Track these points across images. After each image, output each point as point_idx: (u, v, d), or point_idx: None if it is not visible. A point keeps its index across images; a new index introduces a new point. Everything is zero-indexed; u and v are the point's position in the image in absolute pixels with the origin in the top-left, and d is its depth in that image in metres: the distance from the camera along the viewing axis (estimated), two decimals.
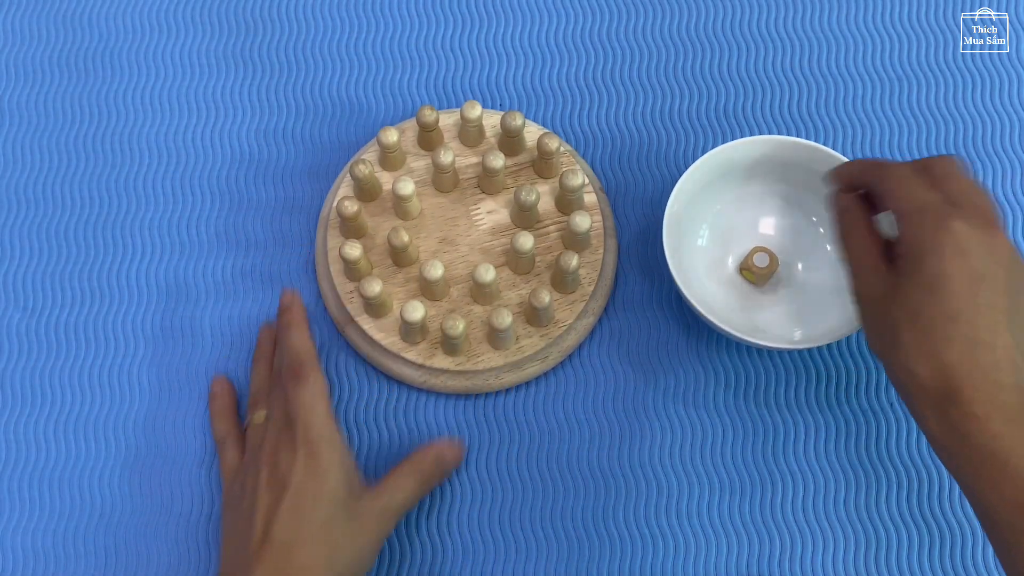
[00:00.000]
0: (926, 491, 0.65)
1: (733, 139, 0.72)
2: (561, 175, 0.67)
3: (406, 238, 0.65)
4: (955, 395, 0.49)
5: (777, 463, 0.66)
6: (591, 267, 0.68)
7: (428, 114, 0.68)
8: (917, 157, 0.73)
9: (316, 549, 0.56)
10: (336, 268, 0.67)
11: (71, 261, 0.71)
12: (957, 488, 0.65)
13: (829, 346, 0.68)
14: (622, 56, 0.76)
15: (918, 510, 0.65)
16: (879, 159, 0.60)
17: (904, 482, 0.66)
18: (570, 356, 0.68)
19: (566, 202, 0.68)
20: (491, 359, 0.66)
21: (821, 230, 0.69)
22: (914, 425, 0.67)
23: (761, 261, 0.68)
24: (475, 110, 0.68)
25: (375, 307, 0.65)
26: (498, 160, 0.67)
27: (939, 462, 0.66)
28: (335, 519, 0.57)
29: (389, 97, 0.76)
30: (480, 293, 0.66)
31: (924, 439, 0.66)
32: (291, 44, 0.77)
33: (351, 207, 0.65)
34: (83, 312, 0.70)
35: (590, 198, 0.69)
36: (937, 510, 0.65)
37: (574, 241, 0.67)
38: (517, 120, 0.68)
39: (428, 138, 0.70)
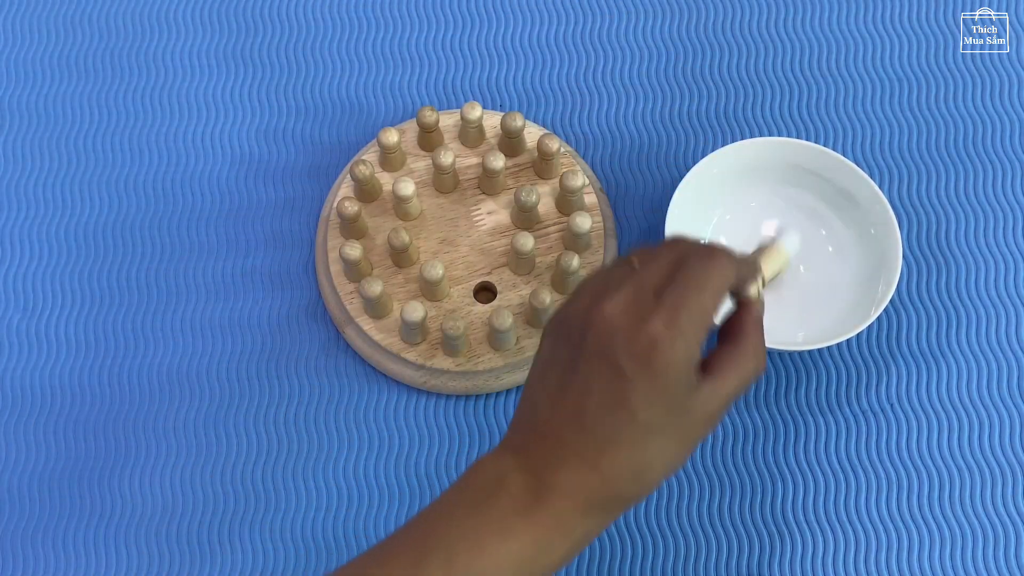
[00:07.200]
0: (926, 491, 0.65)
1: (733, 140, 0.73)
2: (561, 176, 0.67)
3: (406, 239, 0.65)
4: None
5: (778, 463, 0.66)
6: (591, 268, 0.68)
7: (428, 115, 0.68)
8: (917, 157, 0.73)
9: (629, 458, 0.47)
10: (336, 268, 0.67)
11: (71, 261, 0.71)
12: (957, 489, 0.65)
13: (830, 347, 0.68)
14: (622, 57, 0.76)
15: (918, 510, 0.65)
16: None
17: (904, 482, 0.66)
18: None
19: (566, 203, 0.68)
20: (491, 360, 0.66)
21: (823, 232, 0.69)
22: (914, 426, 0.67)
23: None
24: (475, 111, 0.68)
25: (375, 308, 0.65)
26: (498, 161, 0.67)
27: (939, 463, 0.66)
28: (662, 426, 0.47)
29: (389, 97, 0.76)
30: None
31: (923, 440, 0.66)
32: (291, 44, 0.77)
33: (351, 208, 0.65)
34: (83, 312, 0.70)
35: (590, 199, 0.69)
36: (937, 510, 0.65)
37: (574, 242, 0.67)
38: (517, 121, 0.68)
39: (428, 139, 0.70)
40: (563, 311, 0.51)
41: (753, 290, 0.52)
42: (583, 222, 0.65)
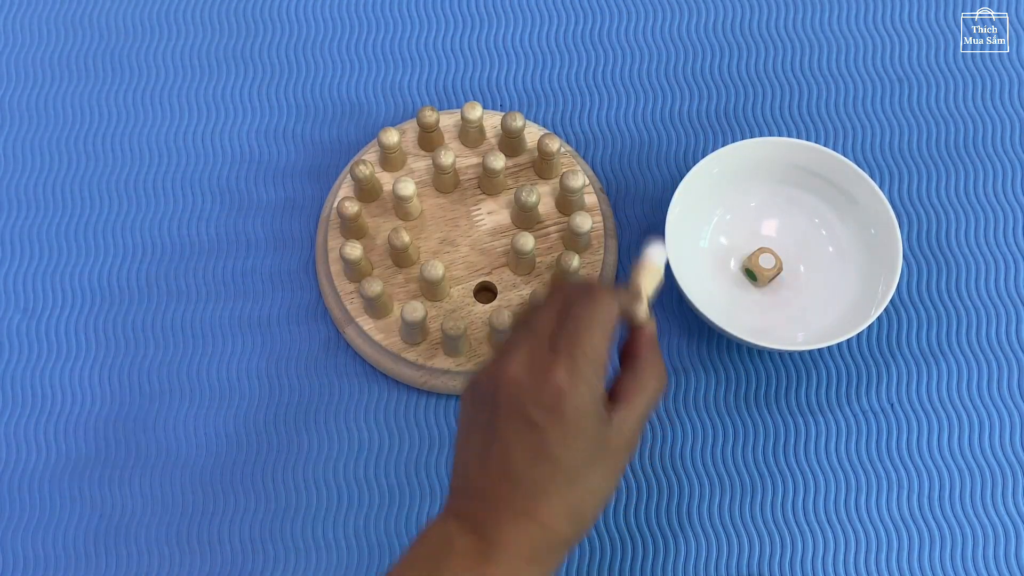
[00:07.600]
0: (926, 491, 0.65)
1: (733, 140, 0.73)
2: (562, 176, 0.67)
3: (407, 239, 0.65)
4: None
5: (778, 464, 0.66)
6: (591, 268, 0.68)
7: (429, 115, 0.68)
8: (917, 157, 0.73)
9: (562, 502, 0.50)
10: (336, 268, 0.67)
11: (71, 261, 0.71)
12: (957, 489, 0.65)
13: (831, 348, 0.68)
14: (622, 57, 0.76)
15: (918, 510, 0.65)
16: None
17: (904, 482, 0.66)
18: None
19: (567, 203, 0.68)
20: None
21: (823, 232, 0.69)
22: (914, 426, 0.67)
23: (767, 262, 0.68)
24: (476, 111, 0.68)
25: (375, 307, 0.65)
26: (499, 161, 0.67)
27: (939, 463, 0.66)
28: (585, 464, 0.50)
29: (389, 97, 0.76)
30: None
31: (923, 440, 0.66)
32: (291, 44, 0.77)
33: (352, 207, 0.65)
34: (83, 312, 0.70)
35: (590, 199, 0.69)
36: (937, 510, 0.65)
37: (575, 242, 0.67)
38: (517, 121, 0.68)
39: (429, 139, 0.70)
40: (475, 377, 0.53)
41: (641, 313, 0.55)
42: (583, 222, 0.65)
